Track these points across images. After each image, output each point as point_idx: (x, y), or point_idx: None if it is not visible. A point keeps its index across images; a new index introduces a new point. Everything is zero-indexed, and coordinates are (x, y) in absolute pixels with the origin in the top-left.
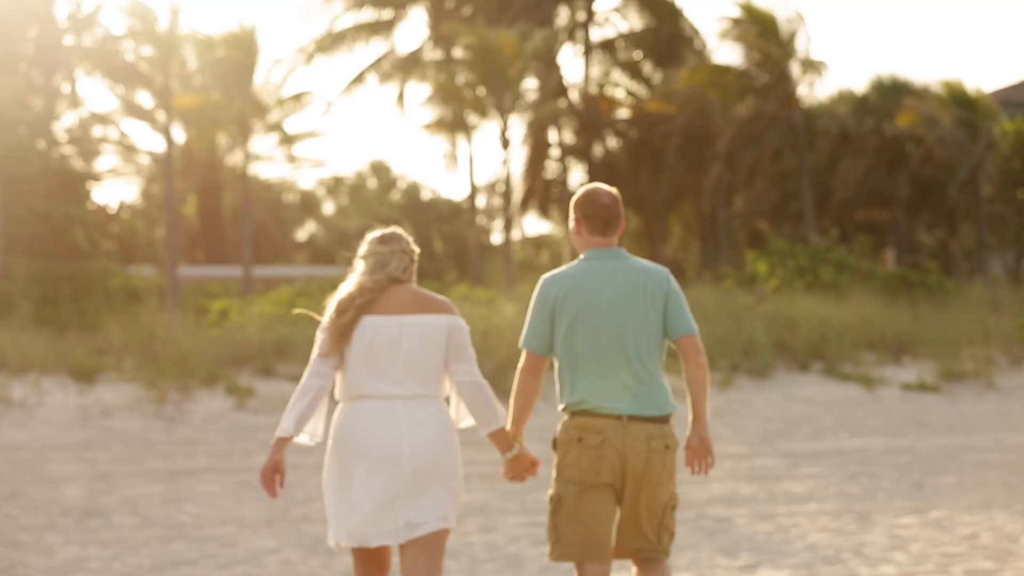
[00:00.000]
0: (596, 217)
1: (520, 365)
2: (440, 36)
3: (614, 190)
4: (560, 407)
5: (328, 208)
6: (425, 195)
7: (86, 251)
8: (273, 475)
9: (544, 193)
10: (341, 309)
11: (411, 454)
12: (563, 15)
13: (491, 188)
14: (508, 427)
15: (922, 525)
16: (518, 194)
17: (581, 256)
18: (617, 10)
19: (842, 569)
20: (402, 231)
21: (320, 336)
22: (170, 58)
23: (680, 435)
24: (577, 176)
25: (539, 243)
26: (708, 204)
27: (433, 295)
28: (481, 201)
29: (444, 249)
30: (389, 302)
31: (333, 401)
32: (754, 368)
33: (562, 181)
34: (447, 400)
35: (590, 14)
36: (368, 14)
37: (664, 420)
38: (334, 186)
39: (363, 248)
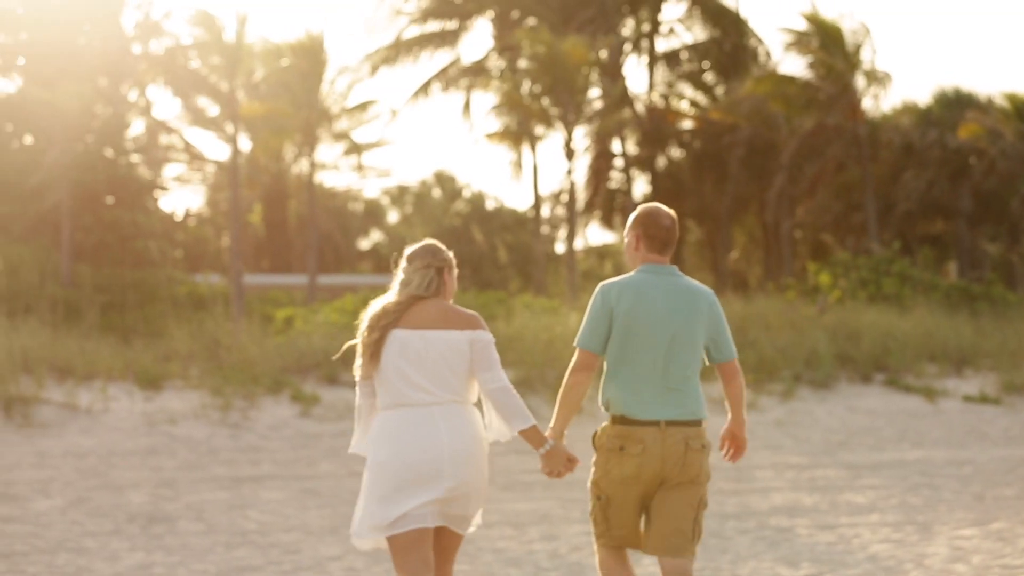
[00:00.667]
0: (657, 238)
1: (572, 363)
2: (505, 46)
3: (673, 212)
4: (602, 406)
5: (393, 217)
6: (489, 204)
7: (152, 259)
8: None
9: (608, 203)
10: (370, 328)
11: (452, 474)
12: (628, 26)
13: (555, 198)
14: (552, 424)
15: (983, 537)
16: (582, 204)
17: (637, 268)
18: (682, 21)
19: None
20: (434, 244)
21: (357, 358)
22: (236, 67)
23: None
24: (641, 186)
25: (602, 253)
26: (771, 215)
27: (460, 310)
28: (545, 211)
29: (508, 258)
30: (416, 317)
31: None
32: (816, 379)
33: (625, 191)
34: (479, 408)
35: (655, 25)
36: (433, 25)
37: (698, 423)
38: (399, 195)
39: (401, 263)
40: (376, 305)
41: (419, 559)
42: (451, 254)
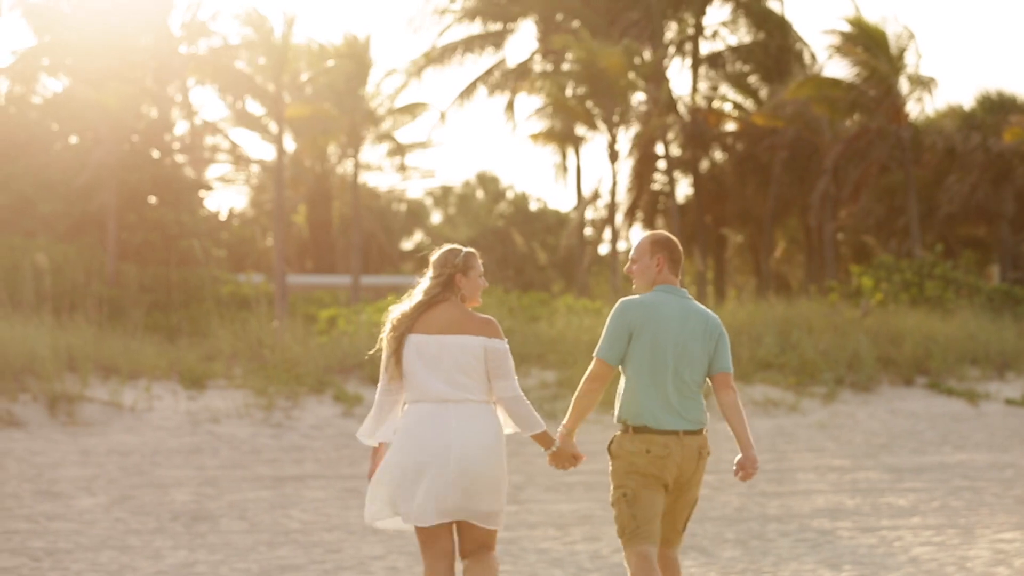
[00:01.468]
0: (678, 261)
1: (589, 372)
2: (549, 48)
3: None
4: (617, 418)
5: (436, 218)
6: (532, 206)
7: (196, 259)
8: None
9: (651, 205)
10: (389, 332)
11: (459, 456)
12: (672, 29)
13: (598, 199)
14: (565, 421)
15: None
16: (625, 206)
17: (655, 288)
18: (726, 24)
19: None
20: (450, 249)
21: (383, 362)
22: (282, 68)
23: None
24: (683, 189)
25: None
26: (814, 218)
27: (474, 315)
28: (588, 212)
29: (550, 260)
30: (432, 322)
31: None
32: (858, 382)
33: (668, 193)
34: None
35: (699, 28)
36: (478, 26)
37: (703, 432)
38: (442, 196)
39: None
40: (395, 311)
41: (438, 550)
42: (467, 254)
